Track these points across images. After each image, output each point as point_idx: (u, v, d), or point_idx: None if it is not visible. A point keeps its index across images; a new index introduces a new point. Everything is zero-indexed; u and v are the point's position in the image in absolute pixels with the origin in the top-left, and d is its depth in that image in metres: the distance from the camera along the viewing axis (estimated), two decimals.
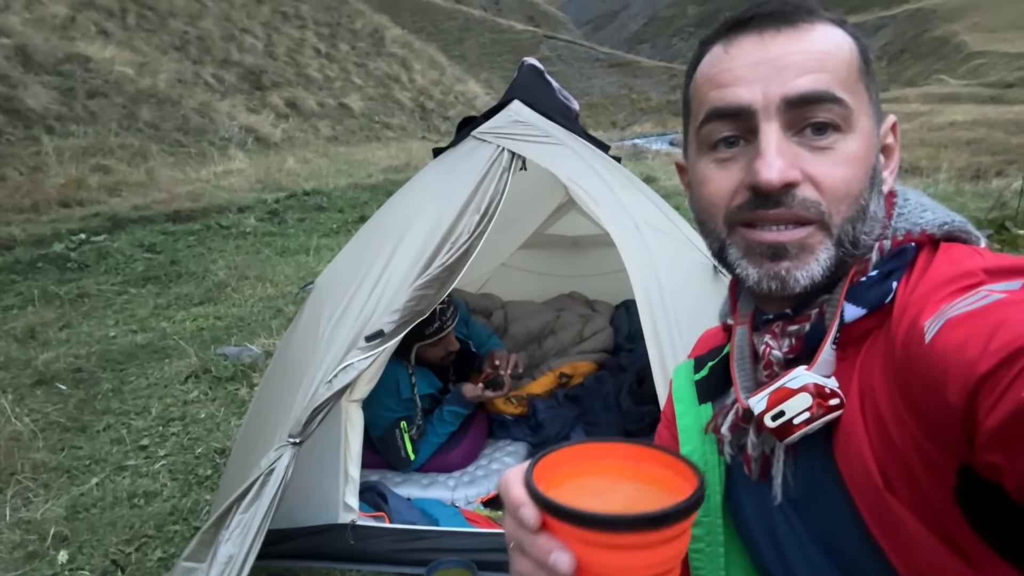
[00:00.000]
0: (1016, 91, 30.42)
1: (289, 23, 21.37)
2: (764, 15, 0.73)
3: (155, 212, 7.96)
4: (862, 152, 0.72)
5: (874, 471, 0.64)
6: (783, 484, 0.76)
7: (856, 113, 0.71)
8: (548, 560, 0.53)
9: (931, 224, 0.73)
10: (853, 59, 0.73)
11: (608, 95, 46.66)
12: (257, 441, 2.22)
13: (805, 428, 0.69)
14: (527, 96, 2.63)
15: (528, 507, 0.54)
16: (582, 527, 0.51)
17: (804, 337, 0.75)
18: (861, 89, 0.73)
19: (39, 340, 4.59)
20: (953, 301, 0.59)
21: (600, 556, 0.52)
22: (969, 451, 0.55)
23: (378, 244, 2.33)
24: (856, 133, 0.71)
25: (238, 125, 13.59)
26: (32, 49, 10.86)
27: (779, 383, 0.72)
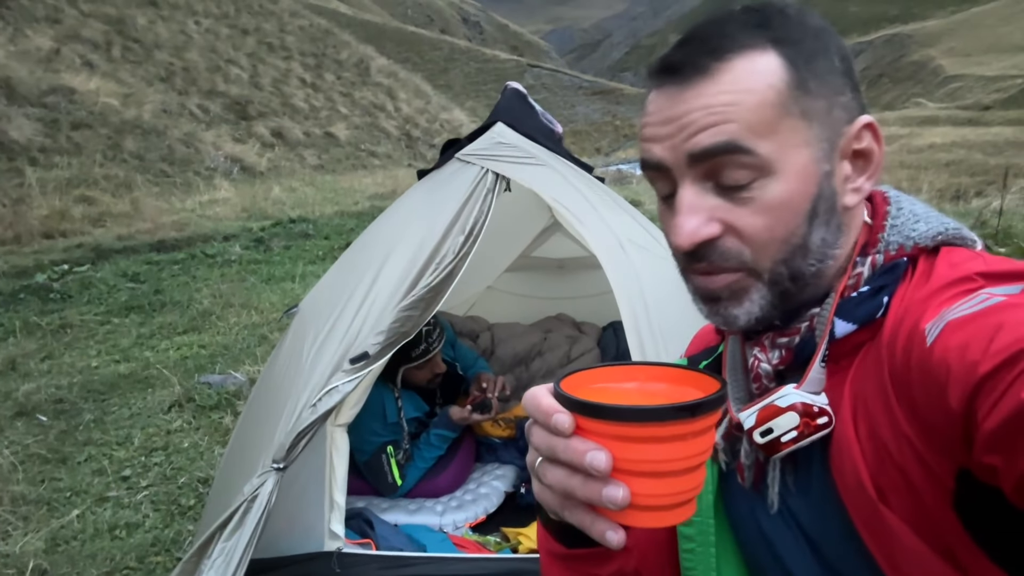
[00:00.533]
0: (993, 113, 31.01)
1: (275, 54, 21.53)
2: (674, 65, 0.70)
3: (139, 242, 7.92)
4: (788, 193, 0.68)
5: (867, 483, 0.64)
6: (782, 491, 0.75)
7: (777, 153, 0.68)
8: (584, 461, 0.54)
9: (923, 236, 0.72)
10: (773, 93, 0.67)
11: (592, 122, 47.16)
12: (240, 468, 2.18)
13: (792, 446, 0.70)
14: (510, 118, 2.64)
15: (562, 413, 0.56)
16: (620, 422, 0.53)
17: (794, 350, 0.75)
18: (788, 122, 0.68)
19: (20, 371, 4.52)
20: (953, 304, 0.59)
21: (635, 451, 0.54)
22: (968, 454, 0.55)
23: (363, 266, 2.32)
24: (780, 173, 0.68)
25: (224, 155, 13.60)
26: (16, 81, 10.86)
27: (768, 400, 0.72)
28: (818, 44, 0.70)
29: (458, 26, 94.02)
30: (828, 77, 0.70)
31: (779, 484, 0.76)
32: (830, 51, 0.71)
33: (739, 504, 0.83)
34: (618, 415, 0.54)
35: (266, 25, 23.13)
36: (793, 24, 0.70)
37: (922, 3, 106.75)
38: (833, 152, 0.71)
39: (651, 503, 0.56)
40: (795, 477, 0.75)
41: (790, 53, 0.69)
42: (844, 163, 0.72)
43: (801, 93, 0.68)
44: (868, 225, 0.76)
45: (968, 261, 0.67)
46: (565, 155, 2.72)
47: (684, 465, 0.56)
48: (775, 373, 0.76)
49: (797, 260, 0.71)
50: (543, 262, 4.40)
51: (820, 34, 0.71)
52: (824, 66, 0.70)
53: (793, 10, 0.72)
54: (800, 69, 0.68)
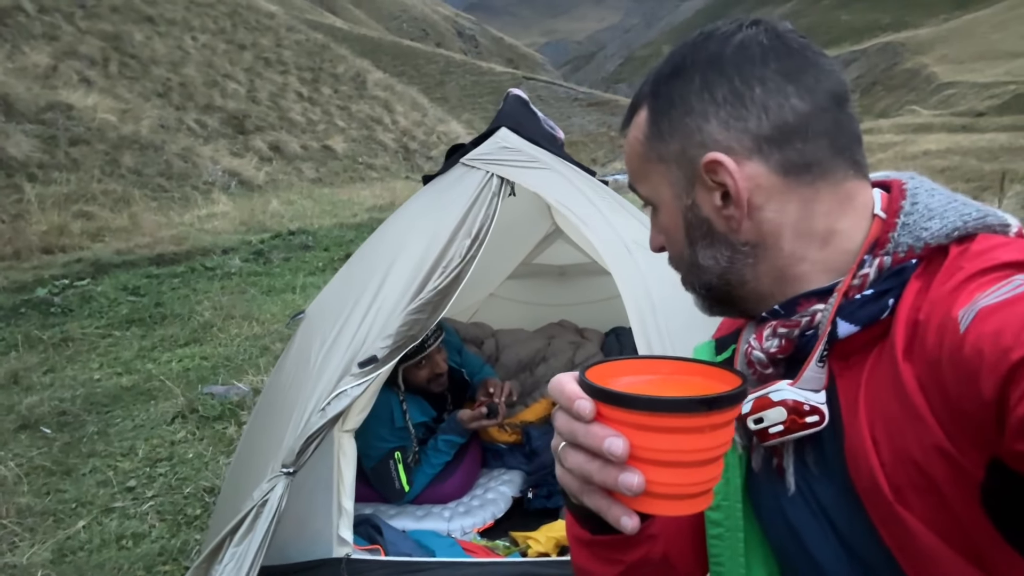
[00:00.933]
0: (987, 119, 31.15)
1: (271, 68, 21.58)
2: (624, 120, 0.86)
3: (138, 256, 7.92)
4: (666, 222, 0.83)
5: (883, 484, 0.64)
6: (803, 478, 0.76)
7: (654, 191, 0.82)
8: (603, 446, 0.57)
9: (937, 235, 0.69)
10: (638, 142, 0.81)
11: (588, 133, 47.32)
12: (248, 474, 2.17)
13: (777, 439, 0.72)
14: (513, 123, 2.66)
15: (584, 399, 0.59)
16: (638, 411, 0.56)
17: (795, 341, 0.75)
18: (651, 165, 0.81)
19: (22, 385, 4.51)
20: (987, 290, 0.58)
21: (652, 440, 0.56)
22: (1000, 442, 0.54)
23: (369, 271, 2.33)
24: (659, 207, 0.83)
25: (221, 169, 13.62)
26: (14, 98, 10.88)
27: (763, 392, 0.73)
28: (681, 90, 0.76)
29: (453, 40, 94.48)
30: (683, 121, 0.76)
31: (795, 467, 0.76)
32: (691, 94, 0.75)
33: (763, 490, 0.83)
34: (636, 404, 0.56)
35: (263, 40, 23.21)
36: (673, 71, 0.78)
37: (914, 11, 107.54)
38: (693, 187, 0.77)
39: (666, 492, 0.58)
40: (815, 459, 0.75)
41: (654, 104, 0.79)
42: (714, 194, 0.76)
43: (657, 140, 0.79)
44: (881, 220, 0.74)
45: (997, 249, 0.65)
46: (568, 159, 2.74)
47: (700, 457, 0.57)
48: (774, 361, 0.77)
49: (696, 274, 0.82)
50: (545, 269, 4.41)
51: (693, 76, 0.76)
52: (680, 111, 0.76)
53: (692, 47, 0.77)
54: (657, 120, 0.78)
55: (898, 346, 0.65)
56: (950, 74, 55.20)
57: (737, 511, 0.85)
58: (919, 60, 63.70)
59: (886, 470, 0.64)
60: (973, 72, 53.17)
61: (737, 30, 0.75)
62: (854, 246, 0.74)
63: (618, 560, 0.81)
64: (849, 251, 0.74)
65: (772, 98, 0.73)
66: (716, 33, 0.76)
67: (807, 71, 0.74)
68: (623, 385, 0.61)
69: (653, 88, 0.79)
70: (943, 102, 46.52)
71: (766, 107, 0.73)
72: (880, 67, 68.02)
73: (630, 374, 0.66)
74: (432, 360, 2.78)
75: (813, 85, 0.73)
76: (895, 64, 65.94)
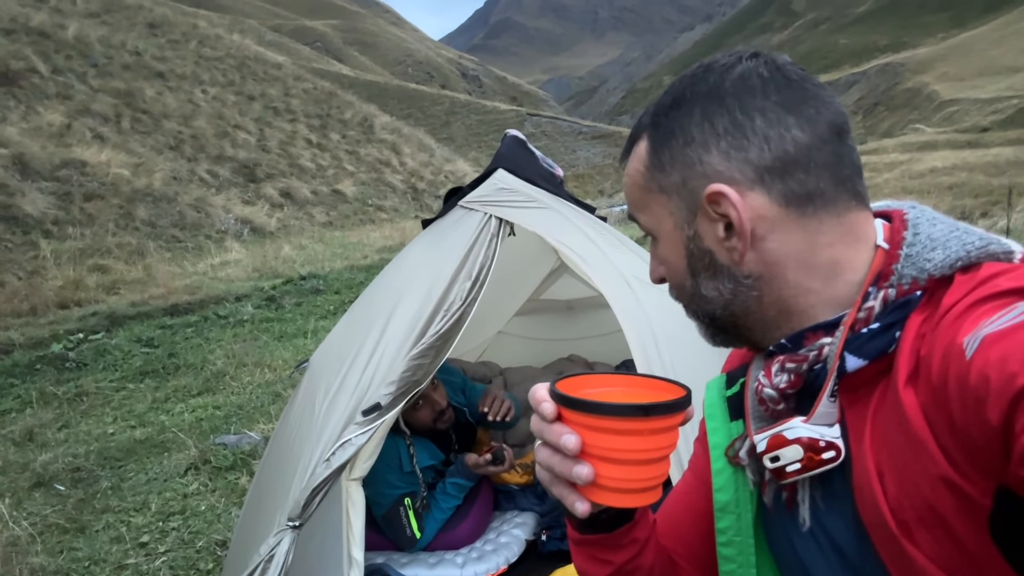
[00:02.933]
0: (992, 134, 31.11)
1: (280, 117, 22.01)
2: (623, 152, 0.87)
3: (153, 307, 7.99)
4: (667, 253, 0.83)
5: (889, 519, 0.63)
6: (814, 512, 0.76)
7: (655, 221, 0.82)
8: (560, 441, 0.68)
9: (940, 266, 0.69)
10: (640, 175, 0.81)
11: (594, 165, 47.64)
12: (256, 527, 2.16)
13: (795, 477, 0.72)
14: (511, 164, 2.68)
15: (547, 402, 0.70)
16: (585, 413, 0.67)
17: (803, 375, 0.74)
18: (653, 195, 0.81)
19: (37, 442, 4.53)
20: (991, 317, 0.58)
21: (599, 439, 0.67)
22: (1006, 469, 0.54)
23: (371, 317, 2.34)
24: (660, 239, 0.83)
25: (234, 217, 13.81)
26: (29, 157, 11.13)
27: (777, 429, 0.73)
28: (681, 121, 0.77)
29: (458, 81, 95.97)
30: (683, 151, 0.76)
31: (809, 502, 0.76)
32: (691, 125, 0.76)
33: (775, 525, 0.83)
34: (585, 407, 0.67)
35: (271, 90, 23.71)
36: (674, 103, 0.78)
37: (911, 32, 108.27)
38: (695, 218, 0.78)
39: (612, 485, 0.68)
40: (825, 497, 0.74)
41: (654, 135, 0.80)
42: (717, 225, 0.76)
43: (657, 171, 0.79)
44: (884, 251, 0.74)
45: (999, 276, 0.64)
46: (567, 197, 2.75)
47: (641, 456, 0.67)
48: (785, 396, 0.76)
49: (699, 304, 0.82)
50: (552, 304, 4.41)
51: (693, 108, 0.76)
52: (680, 142, 0.77)
53: (692, 79, 0.78)
54: (658, 151, 0.79)
55: (900, 377, 0.64)
56: (952, 91, 55.32)
57: (749, 546, 0.85)
58: (920, 79, 63.93)
59: (891, 504, 0.63)
60: (975, 88, 53.27)
61: (737, 62, 0.76)
62: (858, 278, 0.73)
63: (607, 560, 0.88)
64: (853, 283, 0.73)
65: (773, 129, 0.73)
66: (716, 65, 0.77)
67: (807, 102, 0.74)
68: (587, 395, 0.70)
69: (653, 119, 0.80)
70: (946, 119, 46.55)
71: (767, 138, 0.73)
72: (881, 88, 68.30)
73: (597, 386, 0.77)
74: (429, 399, 2.73)
75: (813, 116, 0.74)
76: (896, 84, 66.20)
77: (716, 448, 0.90)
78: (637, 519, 0.87)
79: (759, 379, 0.78)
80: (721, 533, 0.88)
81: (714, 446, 0.91)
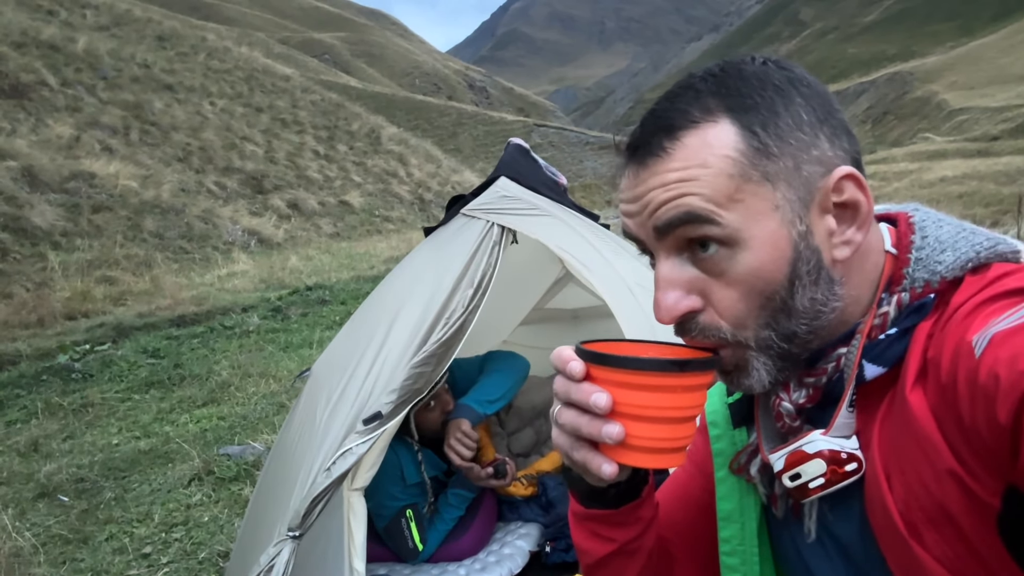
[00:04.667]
0: (1002, 143, 30.98)
1: (288, 129, 22.14)
2: (634, 146, 0.72)
3: (160, 318, 8.01)
4: (759, 262, 0.68)
5: (898, 522, 0.62)
6: (821, 520, 0.75)
7: (743, 221, 0.67)
8: (590, 400, 0.66)
9: (951, 268, 0.68)
10: (731, 162, 0.67)
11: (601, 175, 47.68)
12: (257, 537, 2.14)
13: (820, 493, 0.70)
14: (513, 172, 2.67)
15: (576, 361, 0.67)
16: (619, 368, 0.65)
17: (822, 388, 0.73)
18: (750, 188, 0.67)
19: (42, 452, 4.52)
20: (999, 316, 0.58)
21: (632, 396, 0.65)
22: (1015, 468, 0.53)
23: (373, 326, 2.32)
24: (748, 242, 0.67)
25: (241, 228, 13.87)
26: (38, 169, 11.21)
27: (795, 445, 0.71)
28: (780, 102, 0.69)
29: (465, 92, 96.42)
30: (793, 134, 0.68)
31: (816, 514, 0.75)
32: (795, 105, 0.69)
33: (782, 533, 0.83)
34: (619, 363, 0.65)
35: (279, 102, 23.87)
36: (751, 86, 0.69)
37: (920, 41, 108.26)
38: (808, 210, 0.68)
39: (642, 444, 0.66)
40: (832, 505, 0.74)
41: (747, 119, 0.68)
42: (827, 218, 0.69)
43: (761, 158, 0.67)
44: (893, 256, 0.73)
45: (1007, 276, 0.64)
46: (570, 205, 2.74)
47: (673, 414, 0.66)
48: (802, 412, 0.75)
49: (782, 323, 0.69)
50: (558, 313, 4.39)
51: (783, 89, 0.69)
52: (787, 124, 0.68)
53: (752, 69, 0.71)
54: (758, 134, 0.67)
55: (908, 379, 0.64)
56: (961, 100, 55.20)
57: (754, 555, 0.85)
58: (929, 88, 63.84)
59: (899, 506, 0.63)
60: (984, 97, 53.14)
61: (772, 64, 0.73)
62: (872, 284, 0.73)
63: (610, 538, 0.84)
64: (867, 290, 0.73)
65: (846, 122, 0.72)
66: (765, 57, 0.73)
67: (836, 112, 0.73)
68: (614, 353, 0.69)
69: (731, 101, 0.69)
70: (956, 128, 46.42)
71: (848, 130, 0.72)
72: (890, 97, 68.22)
73: (621, 350, 0.74)
74: (441, 399, 2.70)
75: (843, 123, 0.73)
76: (905, 93, 66.11)
77: (720, 456, 0.89)
78: (644, 497, 0.84)
79: (778, 395, 0.76)
80: (725, 542, 0.87)
81: (718, 453, 0.90)
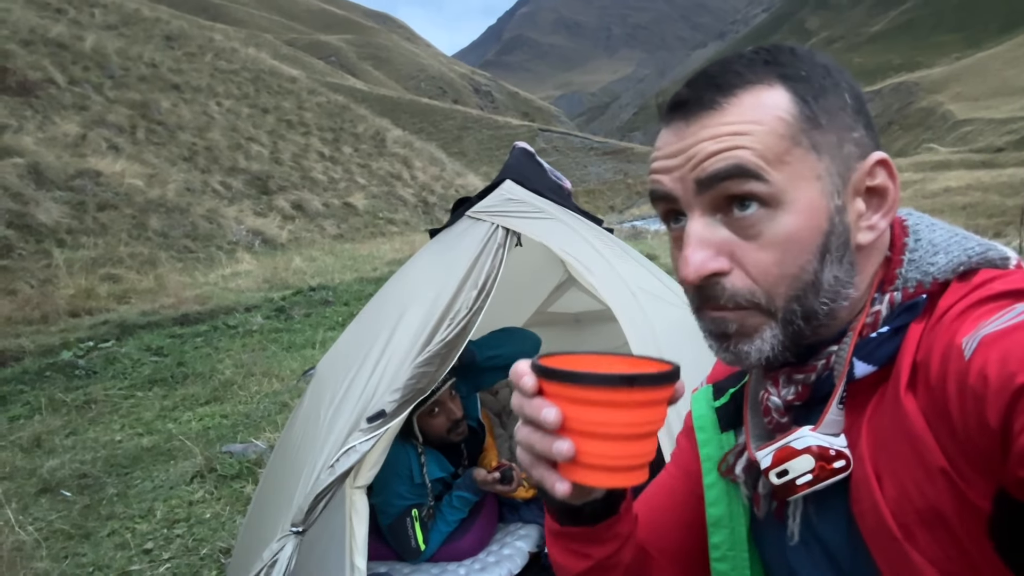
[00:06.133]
0: (1006, 155, 31.00)
1: (294, 130, 22.20)
2: (684, 102, 0.72)
3: (163, 317, 8.03)
4: (797, 227, 0.68)
5: (890, 523, 0.62)
6: (805, 522, 0.75)
7: (787, 184, 0.67)
8: (540, 415, 0.63)
9: (943, 271, 0.69)
10: (783, 123, 0.68)
11: (604, 181, 47.74)
12: (259, 533, 2.16)
13: (807, 490, 0.69)
14: (518, 176, 2.69)
15: (528, 375, 0.65)
16: (566, 383, 0.63)
17: (811, 386, 0.74)
18: (798, 153, 0.68)
19: (45, 448, 4.55)
20: (989, 318, 0.58)
21: (581, 412, 0.63)
22: (1005, 470, 0.53)
23: (378, 325, 2.34)
24: (789, 205, 0.68)
25: (245, 229, 13.91)
26: (44, 167, 11.26)
27: (783, 441, 0.71)
28: (828, 81, 0.71)
29: (470, 96, 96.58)
30: (839, 113, 0.70)
31: (801, 516, 0.75)
32: (840, 88, 0.71)
33: (768, 538, 0.82)
34: (565, 378, 0.62)
35: (285, 103, 23.94)
36: (803, 61, 0.71)
37: (925, 52, 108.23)
38: (845, 188, 0.70)
39: (596, 462, 0.63)
40: (823, 513, 0.73)
41: (799, 88, 0.69)
42: (857, 200, 0.71)
43: (811, 126, 0.68)
44: (887, 258, 0.74)
45: (995, 280, 0.65)
46: (574, 209, 2.76)
47: (626, 431, 0.63)
48: (790, 409, 0.75)
49: (809, 298, 0.69)
50: (560, 317, 4.41)
51: (830, 72, 0.72)
52: (834, 102, 0.70)
53: (802, 49, 0.73)
54: (809, 103, 0.69)
55: (902, 380, 0.64)
56: (966, 111, 55.19)
57: (744, 561, 0.85)
58: (934, 98, 63.87)
59: (891, 507, 0.63)
60: (989, 109, 53.12)
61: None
62: (868, 283, 0.74)
63: (586, 555, 0.83)
64: (864, 289, 0.73)
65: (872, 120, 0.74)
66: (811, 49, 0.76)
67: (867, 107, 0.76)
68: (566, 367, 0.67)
69: (785, 71, 0.70)
70: (960, 139, 46.41)
71: (875, 127, 0.75)
72: (895, 107, 68.23)
73: (582, 366, 0.71)
74: (446, 407, 2.71)
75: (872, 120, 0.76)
76: (910, 103, 66.12)
77: (708, 460, 0.89)
78: (621, 513, 0.82)
79: (766, 388, 0.77)
80: (715, 548, 0.87)
81: (705, 458, 0.89)
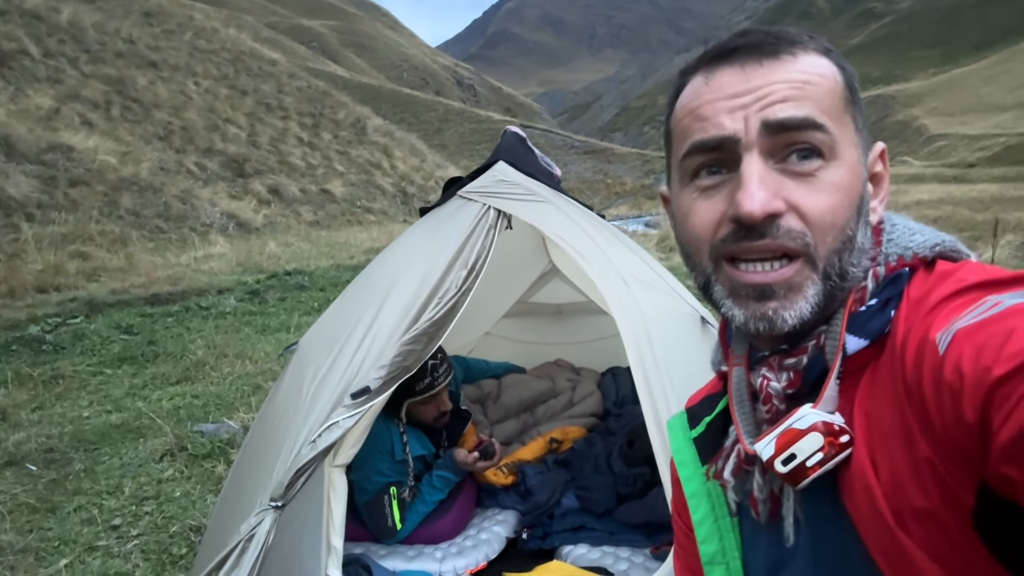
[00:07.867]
0: (978, 170, 31.66)
1: (272, 114, 21.91)
2: (746, 47, 0.72)
3: (133, 296, 7.88)
4: (847, 180, 0.71)
5: (884, 509, 0.61)
6: (796, 527, 0.73)
7: (840, 141, 0.71)
8: None
9: (923, 247, 0.73)
10: (837, 88, 0.73)
11: (584, 180, 47.86)
12: (236, 508, 2.12)
13: (819, 470, 0.67)
14: (511, 158, 2.67)
15: None
16: None
17: (803, 371, 0.73)
18: (846, 119, 0.73)
19: (10, 422, 4.43)
20: (961, 313, 0.58)
21: None
22: (985, 464, 0.52)
23: (365, 301, 2.31)
24: (841, 161, 0.70)
25: (220, 211, 13.69)
26: (15, 139, 10.97)
27: (786, 425, 0.69)
28: (855, 77, 0.77)
29: (452, 89, 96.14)
30: (860, 100, 0.77)
31: (792, 516, 0.74)
32: (857, 87, 0.78)
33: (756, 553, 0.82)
34: None
35: (264, 86, 23.62)
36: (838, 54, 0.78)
37: (903, 65, 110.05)
38: (866, 164, 0.76)
39: None
40: (807, 509, 0.72)
41: (844, 71, 0.75)
42: (867, 182, 0.76)
43: (852, 99, 0.75)
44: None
45: (968, 271, 0.66)
46: (565, 195, 2.75)
47: None
48: (783, 396, 0.75)
49: (845, 256, 0.71)
50: (541, 308, 4.40)
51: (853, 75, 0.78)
52: (857, 90, 0.77)
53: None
54: (852, 87, 0.75)
55: (898, 355, 0.64)
56: (940, 126, 56.25)
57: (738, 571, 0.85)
58: (909, 112, 65.01)
59: (886, 493, 0.62)
60: (963, 124, 54.21)
61: None
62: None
63: None
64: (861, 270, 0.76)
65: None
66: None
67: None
68: None
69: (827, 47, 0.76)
70: (934, 153, 47.29)
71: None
72: (871, 119, 68.58)
73: None
74: (439, 399, 2.74)
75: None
76: (886, 116, 67.22)
77: (693, 497, 0.88)
78: None
79: (764, 374, 0.76)
80: None
81: (691, 495, 0.88)
